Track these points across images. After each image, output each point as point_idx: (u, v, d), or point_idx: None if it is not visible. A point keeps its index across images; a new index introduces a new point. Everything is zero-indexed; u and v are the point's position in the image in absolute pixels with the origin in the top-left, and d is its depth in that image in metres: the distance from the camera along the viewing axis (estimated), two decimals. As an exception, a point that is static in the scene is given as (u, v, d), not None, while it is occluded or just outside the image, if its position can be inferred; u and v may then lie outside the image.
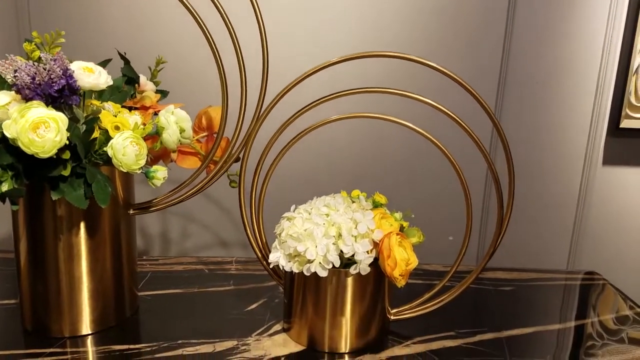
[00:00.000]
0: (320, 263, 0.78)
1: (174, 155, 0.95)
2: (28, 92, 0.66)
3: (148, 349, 0.82)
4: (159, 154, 0.94)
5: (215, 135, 0.95)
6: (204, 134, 0.98)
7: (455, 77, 0.77)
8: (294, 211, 0.86)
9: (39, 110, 0.63)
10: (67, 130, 0.66)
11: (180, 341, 0.85)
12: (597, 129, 1.50)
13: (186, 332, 0.88)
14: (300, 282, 0.84)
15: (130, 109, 0.85)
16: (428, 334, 0.91)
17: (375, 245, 0.80)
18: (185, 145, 0.91)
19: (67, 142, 0.68)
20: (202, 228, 1.37)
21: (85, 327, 0.86)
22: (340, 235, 0.79)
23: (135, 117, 0.77)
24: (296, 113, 0.86)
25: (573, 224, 1.49)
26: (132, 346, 0.83)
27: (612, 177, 1.51)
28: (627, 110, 1.49)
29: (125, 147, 0.71)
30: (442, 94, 0.98)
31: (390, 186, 1.33)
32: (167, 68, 1.02)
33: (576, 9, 1.37)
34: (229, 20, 0.82)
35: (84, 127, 0.71)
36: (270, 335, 0.89)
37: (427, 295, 0.92)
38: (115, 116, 0.73)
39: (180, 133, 0.79)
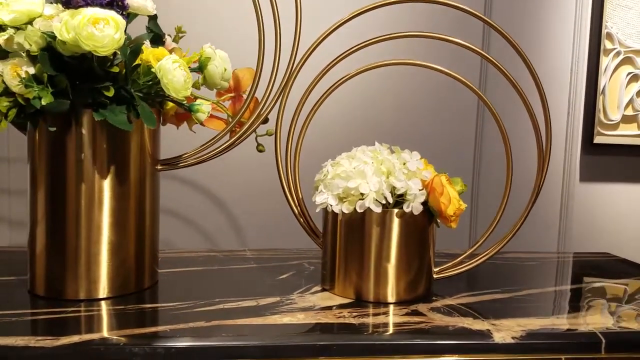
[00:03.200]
0: (374, 198, 0.74)
1: (200, 116, 0.91)
2: (79, 0, 0.62)
3: (184, 306, 0.74)
4: (183, 116, 0.90)
5: (243, 95, 0.93)
6: (230, 94, 0.95)
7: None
8: (331, 161, 0.83)
9: (95, 9, 0.59)
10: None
11: (217, 299, 0.77)
12: (572, 146, 1.57)
13: (221, 293, 0.80)
14: (344, 231, 0.80)
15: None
16: (470, 291, 0.87)
17: (424, 185, 0.78)
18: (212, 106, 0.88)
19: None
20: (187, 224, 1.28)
21: (103, 290, 0.77)
22: (389, 173, 0.77)
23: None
24: (332, 61, 0.86)
25: (557, 238, 1.52)
26: (165, 304, 0.75)
27: (589, 193, 1.57)
28: (599, 128, 1.59)
29: (175, 70, 0.67)
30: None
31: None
32: (193, 30, 0.99)
33: (542, 35, 1.46)
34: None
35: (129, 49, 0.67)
36: (313, 293, 0.82)
37: (469, 251, 0.89)
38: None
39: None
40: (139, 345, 0.59)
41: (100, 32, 0.58)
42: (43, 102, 0.60)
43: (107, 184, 0.75)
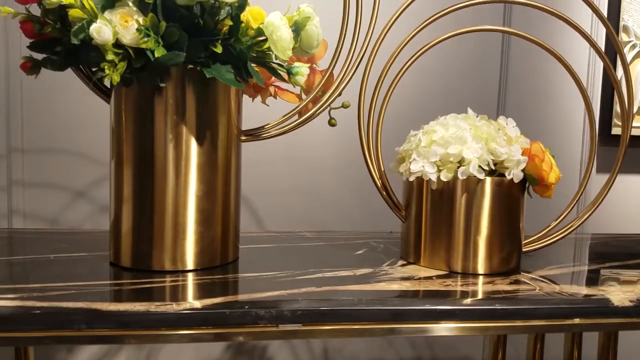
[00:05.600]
0: (478, 165, 0.72)
1: (300, 79, 0.86)
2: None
3: (284, 274, 0.71)
4: (260, 87, 0.87)
5: (315, 67, 0.90)
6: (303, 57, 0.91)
7: None
8: (416, 132, 0.81)
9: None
10: None
11: (311, 269, 0.74)
12: (590, 138, 1.58)
13: (311, 264, 0.77)
14: (432, 202, 0.78)
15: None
16: (555, 264, 0.85)
17: (523, 152, 0.77)
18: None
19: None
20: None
21: (190, 261, 0.73)
22: (489, 139, 0.75)
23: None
24: (412, 32, 0.84)
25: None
26: (266, 273, 0.71)
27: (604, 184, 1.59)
28: (615, 120, 1.61)
29: (283, 26, 0.64)
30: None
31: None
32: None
33: (560, 28, 1.48)
34: None
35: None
36: (401, 266, 0.80)
37: (553, 224, 0.88)
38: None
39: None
40: (265, 309, 0.56)
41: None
42: (157, 54, 0.57)
43: (194, 151, 0.72)
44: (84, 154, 1.29)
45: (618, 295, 0.66)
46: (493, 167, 0.75)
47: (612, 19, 1.55)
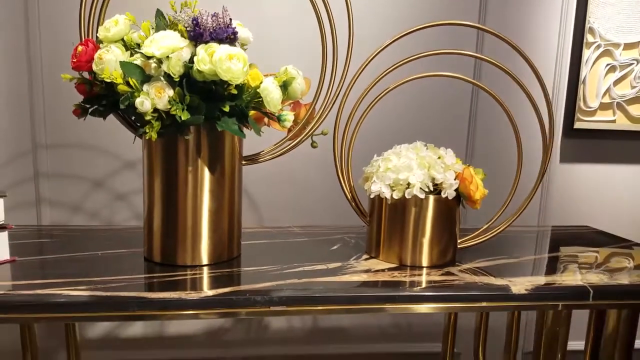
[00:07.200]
0: (420, 187, 0.97)
1: (286, 124, 1.09)
2: (207, 35, 0.81)
3: (275, 268, 0.96)
4: (259, 121, 1.10)
5: (300, 101, 1.13)
6: (289, 101, 1.15)
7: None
8: (378, 157, 1.05)
9: (226, 47, 0.79)
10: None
11: (295, 263, 0.99)
12: (554, 131, 1.79)
13: (296, 259, 1.02)
14: (389, 212, 1.02)
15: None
16: (483, 257, 1.10)
17: (457, 176, 1.01)
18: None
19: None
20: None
21: (205, 258, 0.98)
22: (430, 166, 0.99)
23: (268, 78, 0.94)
24: (386, 70, 1.06)
25: (538, 211, 1.76)
26: (261, 267, 0.97)
27: (567, 173, 1.82)
28: (578, 114, 1.82)
29: (274, 90, 0.87)
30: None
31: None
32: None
33: (530, 29, 1.68)
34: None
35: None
36: (365, 260, 1.05)
37: (485, 226, 1.13)
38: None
39: (297, 88, 0.97)
40: (260, 295, 0.82)
41: (235, 65, 0.78)
42: (183, 117, 0.80)
43: (207, 176, 0.96)
44: (100, 148, 1.51)
45: (517, 286, 0.91)
46: (433, 188, 0.99)
47: (579, 22, 1.74)
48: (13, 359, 1.29)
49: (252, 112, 1.00)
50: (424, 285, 0.92)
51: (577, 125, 1.80)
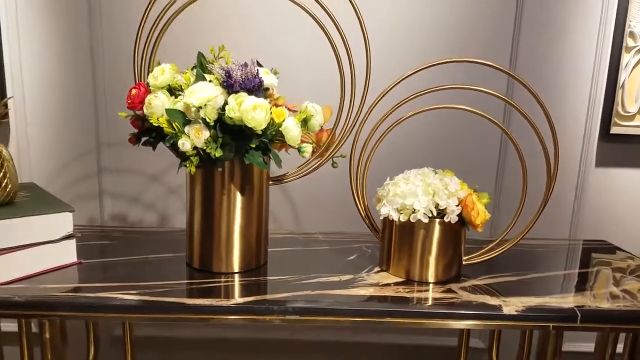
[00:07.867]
0: (424, 212, 1.08)
1: (306, 155, 1.22)
2: (237, 86, 0.96)
3: (294, 278, 1.11)
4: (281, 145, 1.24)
5: (322, 127, 1.26)
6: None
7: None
8: (390, 180, 1.17)
9: (252, 99, 0.93)
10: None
11: (312, 274, 1.14)
12: (590, 135, 1.79)
13: (314, 269, 1.17)
14: (399, 232, 1.14)
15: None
16: (490, 274, 1.21)
17: (460, 202, 1.11)
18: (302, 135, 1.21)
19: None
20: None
21: (236, 266, 1.15)
22: (434, 193, 1.10)
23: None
24: (399, 103, 1.17)
25: (571, 216, 1.80)
26: (278, 277, 1.12)
27: (603, 177, 1.83)
28: (616, 119, 1.83)
29: (294, 127, 1.01)
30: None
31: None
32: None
33: (570, 32, 1.68)
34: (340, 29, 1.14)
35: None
36: (376, 272, 1.18)
37: (491, 245, 1.23)
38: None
39: (317, 122, 1.10)
40: (277, 305, 0.97)
41: (258, 115, 0.92)
42: (217, 154, 0.96)
43: (239, 195, 1.12)
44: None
45: (509, 307, 1.02)
46: (438, 212, 1.11)
47: (619, 25, 1.75)
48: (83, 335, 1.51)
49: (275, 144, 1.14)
50: (422, 302, 1.04)
51: (614, 130, 1.82)
